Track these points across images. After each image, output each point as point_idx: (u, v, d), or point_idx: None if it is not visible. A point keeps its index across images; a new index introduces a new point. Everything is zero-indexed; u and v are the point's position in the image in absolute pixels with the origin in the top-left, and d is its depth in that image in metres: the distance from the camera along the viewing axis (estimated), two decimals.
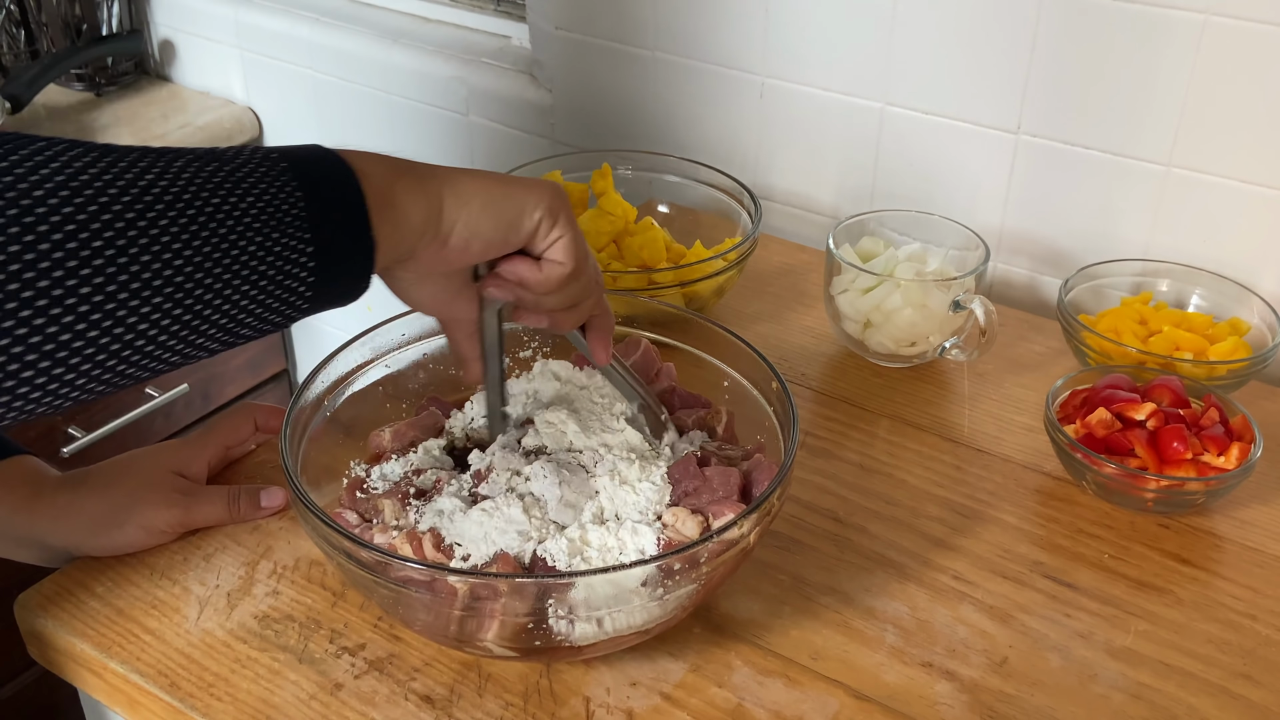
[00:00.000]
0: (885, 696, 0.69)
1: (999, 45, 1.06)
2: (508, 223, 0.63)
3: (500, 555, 0.66)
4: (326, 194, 0.56)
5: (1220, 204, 1.01)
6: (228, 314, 0.54)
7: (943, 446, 0.91)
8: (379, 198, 0.58)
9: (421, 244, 0.61)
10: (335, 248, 0.57)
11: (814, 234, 1.24)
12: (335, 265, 0.57)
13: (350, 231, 0.57)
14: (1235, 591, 0.78)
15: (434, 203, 0.61)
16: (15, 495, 0.76)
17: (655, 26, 1.26)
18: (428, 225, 0.61)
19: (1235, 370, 0.91)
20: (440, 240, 0.62)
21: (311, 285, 0.56)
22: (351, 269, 0.58)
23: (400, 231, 0.59)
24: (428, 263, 0.63)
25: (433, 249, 0.62)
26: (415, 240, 0.60)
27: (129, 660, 0.71)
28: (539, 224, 0.64)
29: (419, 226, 0.60)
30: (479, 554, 0.67)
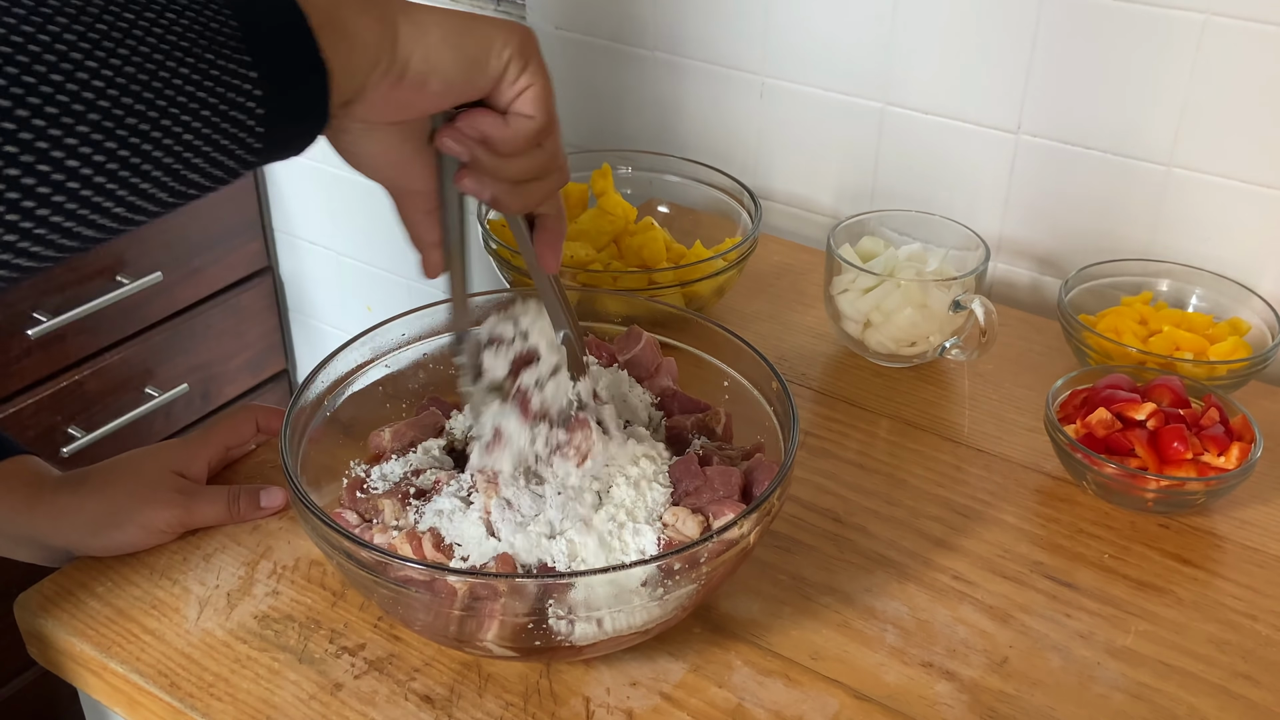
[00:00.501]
0: (885, 696, 0.69)
1: (999, 45, 1.06)
2: (472, 59, 0.56)
3: (500, 555, 0.66)
4: (260, 12, 0.49)
5: (1220, 204, 1.01)
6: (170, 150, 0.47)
7: (943, 446, 0.91)
8: (324, 17, 0.51)
9: (374, 76, 0.53)
10: (282, 71, 0.49)
11: (814, 234, 1.24)
12: (285, 90, 0.50)
13: (296, 52, 0.50)
14: (1235, 591, 0.78)
15: (388, 29, 0.54)
16: (15, 495, 0.76)
17: (655, 26, 1.26)
18: (381, 53, 0.53)
19: (1235, 370, 0.91)
20: (395, 74, 0.54)
21: (260, 117, 0.49)
22: (304, 98, 0.51)
23: (352, 58, 0.52)
24: (380, 103, 0.55)
25: (386, 84, 0.54)
26: (368, 70, 0.53)
27: (129, 660, 0.71)
28: (507, 65, 0.57)
29: (371, 54, 0.53)
30: (478, 554, 0.67)
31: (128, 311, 1.56)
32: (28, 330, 1.43)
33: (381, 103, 0.55)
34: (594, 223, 1.05)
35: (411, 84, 0.55)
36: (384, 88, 0.54)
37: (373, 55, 0.53)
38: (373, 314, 1.65)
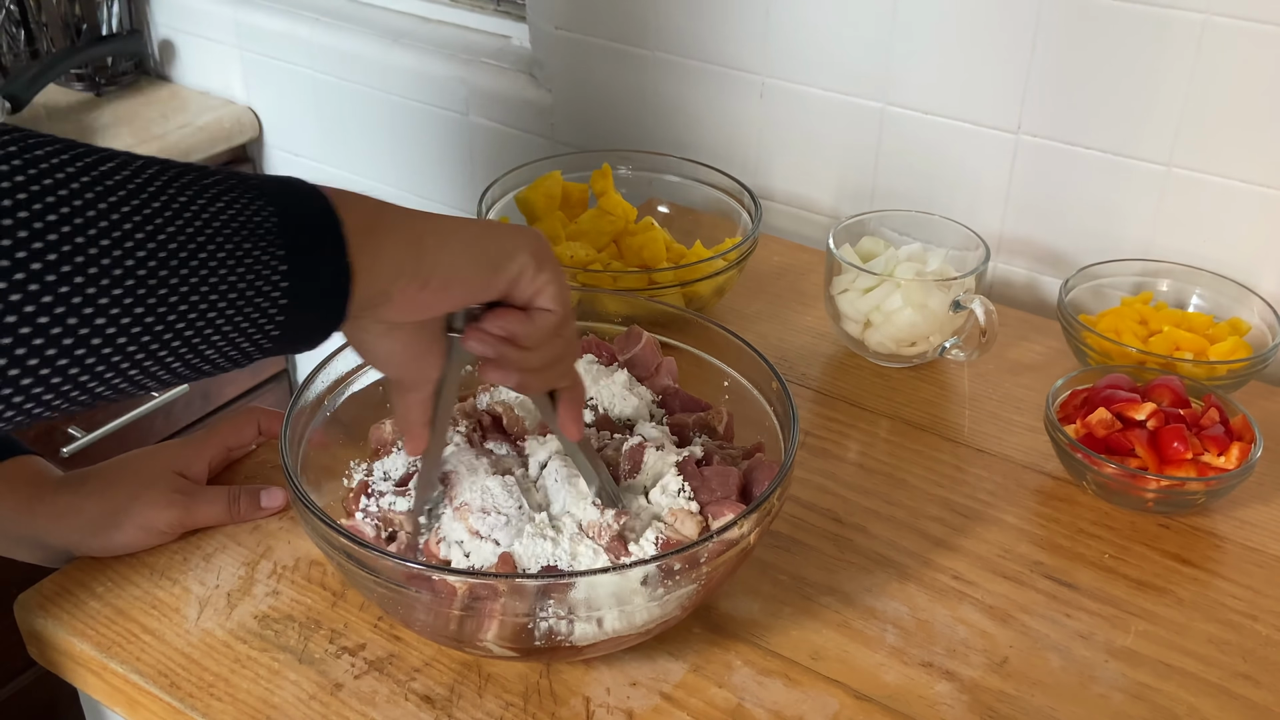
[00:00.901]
0: (885, 696, 0.69)
1: (999, 45, 1.06)
2: (491, 263, 0.59)
3: (501, 555, 0.66)
4: (300, 212, 0.53)
5: (1220, 204, 1.01)
6: (193, 324, 0.49)
7: (943, 446, 0.91)
8: (357, 226, 0.54)
9: (399, 282, 0.56)
10: (310, 265, 0.52)
11: (814, 234, 1.24)
12: (310, 283, 0.53)
13: (326, 254, 0.53)
14: (1235, 591, 0.78)
15: (414, 239, 0.57)
16: (16, 495, 0.76)
17: (655, 26, 1.26)
18: (407, 261, 0.56)
19: (1235, 370, 0.91)
20: (420, 280, 0.57)
21: (283, 307, 0.52)
22: (327, 295, 0.54)
23: (378, 264, 0.55)
24: (403, 307, 0.58)
25: (411, 290, 0.57)
26: (394, 277, 0.56)
27: (129, 660, 0.71)
28: (524, 268, 0.60)
29: (398, 262, 0.56)
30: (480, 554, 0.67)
31: None
32: None
33: (404, 305, 0.58)
34: (594, 223, 1.05)
35: (435, 289, 0.58)
36: (409, 293, 0.57)
37: (398, 263, 0.56)
38: None
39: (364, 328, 0.59)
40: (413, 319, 0.60)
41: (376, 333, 0.60)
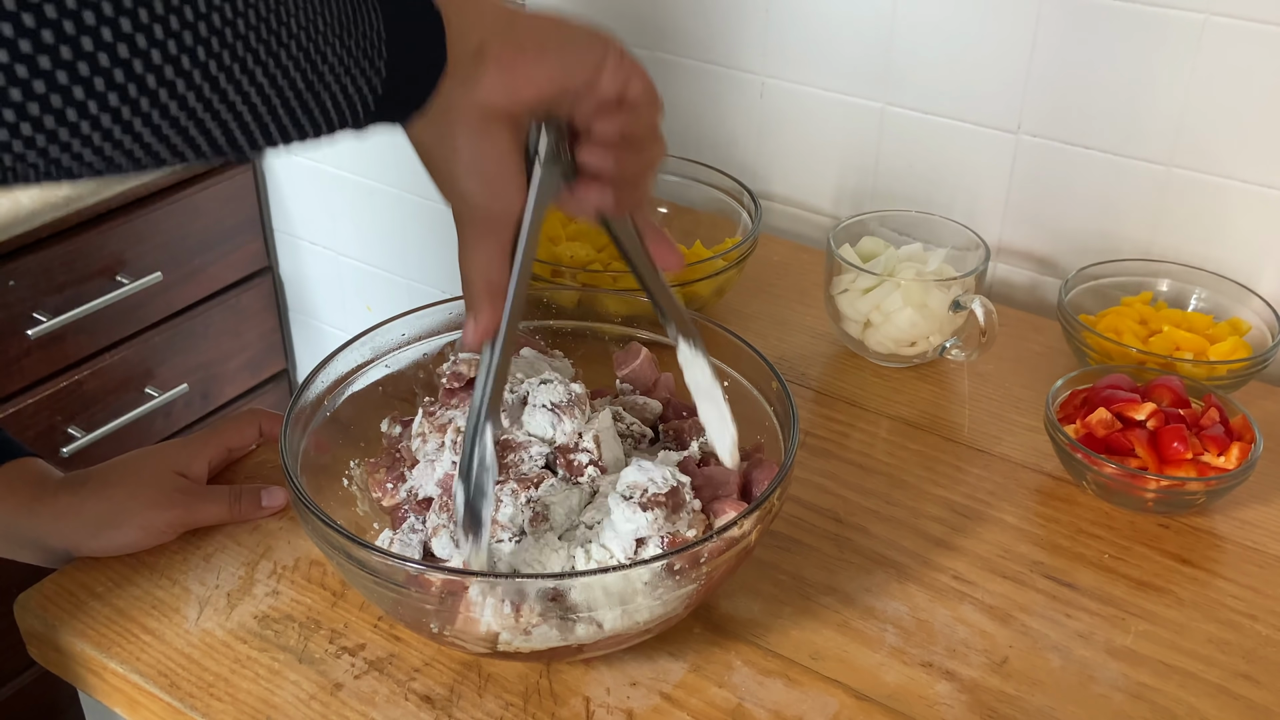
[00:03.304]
0: (885, 696, 0.69)
1: (999, 45, 1.06)
2: (582, 40, 0.56)
3: None
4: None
5: (1220, 204, 1.01)
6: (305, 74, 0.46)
7: (943, 446, 0.91)
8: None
9: (493, 42, 0.53)
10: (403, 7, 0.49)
11: (814, 234, 1.24)
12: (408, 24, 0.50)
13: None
14: (1235, 591, 0.78)
15: (501, 7, 0.54)
16: (16, 496, 0.76)
17: (655, 26, 1.26)
18: (498, 21, 0.53)
19: (1235, 370, 0.91)
20: (515, 43, 0.53)
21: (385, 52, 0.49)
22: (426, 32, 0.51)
23: (466, 13, 0.52)
24: (499, 74, 0.53)
25: (506, 53, 0.53)
26: (487, 32, 0.53)
27: (129, 660, 0.71)
28: (610, 48, 0.56)
29: (489, 19, 0.53)
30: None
31: (128, 311, 1.56)
32: (28, 330, 1.43)
33: (502, 73, 0.53)
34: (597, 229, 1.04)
35: (531, 58, 0.54)
36: (505, 56, 0.53)
37: (490, 22, 0.53)
38: (373, 314, 1.65)
39: (459, 122, 0.54)
40: (510, 94, 0.54)
41: (471, 131, 0.54)
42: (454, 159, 0.55)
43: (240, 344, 1.76)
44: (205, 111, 0.45)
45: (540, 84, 0.55)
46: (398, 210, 1.60)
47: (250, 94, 0.46)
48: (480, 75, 0.53)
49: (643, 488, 0.66)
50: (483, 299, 0.59)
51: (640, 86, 0.58)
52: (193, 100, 0.44)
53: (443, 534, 0.68)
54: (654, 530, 0.65)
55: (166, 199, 1.57)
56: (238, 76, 0.45)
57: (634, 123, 0.58)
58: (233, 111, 0.46)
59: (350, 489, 0.77)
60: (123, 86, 0.42)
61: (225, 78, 0.45)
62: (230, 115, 0.46)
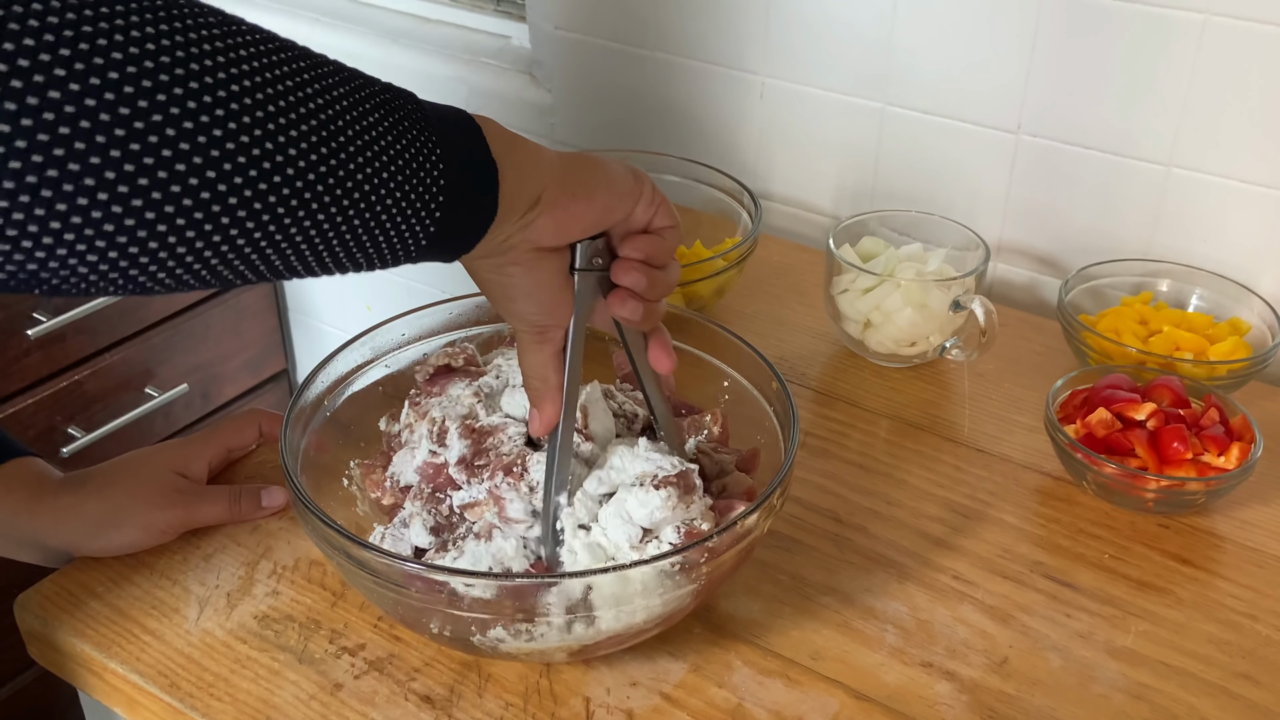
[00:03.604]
0: (885, 696, 0.69)
1: (999, 45, 1.06)
2: (622, 178, 0.62)
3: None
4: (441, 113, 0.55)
5: (1220, 204, 1.01)
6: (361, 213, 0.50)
7: (943, 446, 0.91)
8: (497, 136, 0.56)
9: (548, 189, 0.58)
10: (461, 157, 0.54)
11: (814, 234, 1.24)
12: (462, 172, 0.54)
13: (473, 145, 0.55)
14: (1235, 591, 0.78)
15: (548, 156, 0.59)
16: (16, 496, 0.76)
17: (655, 26, 1.26)
18: (550, 172, 0.59)
19: (1235, 370, 0.91)
20: (567, 190, 0.59)
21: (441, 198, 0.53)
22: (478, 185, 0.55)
23: (524, 164, 0.57)
24: (553, 217, 0.59)
25: (561, 199, 0.59)
26: (542, 182, 0.58)
27: (129, 660, 0.71)
28: (643, 183, 0.63)
29: (541, 170, 0.58)
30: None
31: (127, 311, 1.56)
32: (28, 330, 1.43)
33: (556, 216, 0.59)
34: None
35: (582, 199, 0.60)
36: (560, 201, 0.59)
37: (542, 173, 0.58)
38: (373, 314, 1.65)
39: (513, 258, 0.60)
40: (561, 235, 0.60)
41: (525, 263, 0.61)
42: (510, 287, 0.62)
43: (240, 344, 1.76)
44: (268, 244, 0.47)
45: (587, 224, 0.62)
46: None
47: (312, 235, 0.49)
48: (536, 220, 0.59)
49: (652, 474, 0.67)
50: (543, 396, 0.67)
51: (665, 217, 0.65)
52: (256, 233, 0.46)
53: (416, 522, 0.70)
54: (668, 510, 0.66)
55: None
56: (301, 219, 0.48)
57: (657, 246, 0.65)
58: (293, 247, 0.48)
59: (350, 489, 0.77)
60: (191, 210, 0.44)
61: (290, 219, 0.47)
62: (290, 250, 0.48)
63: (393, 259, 0.54)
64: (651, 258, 0.65)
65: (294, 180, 0.46)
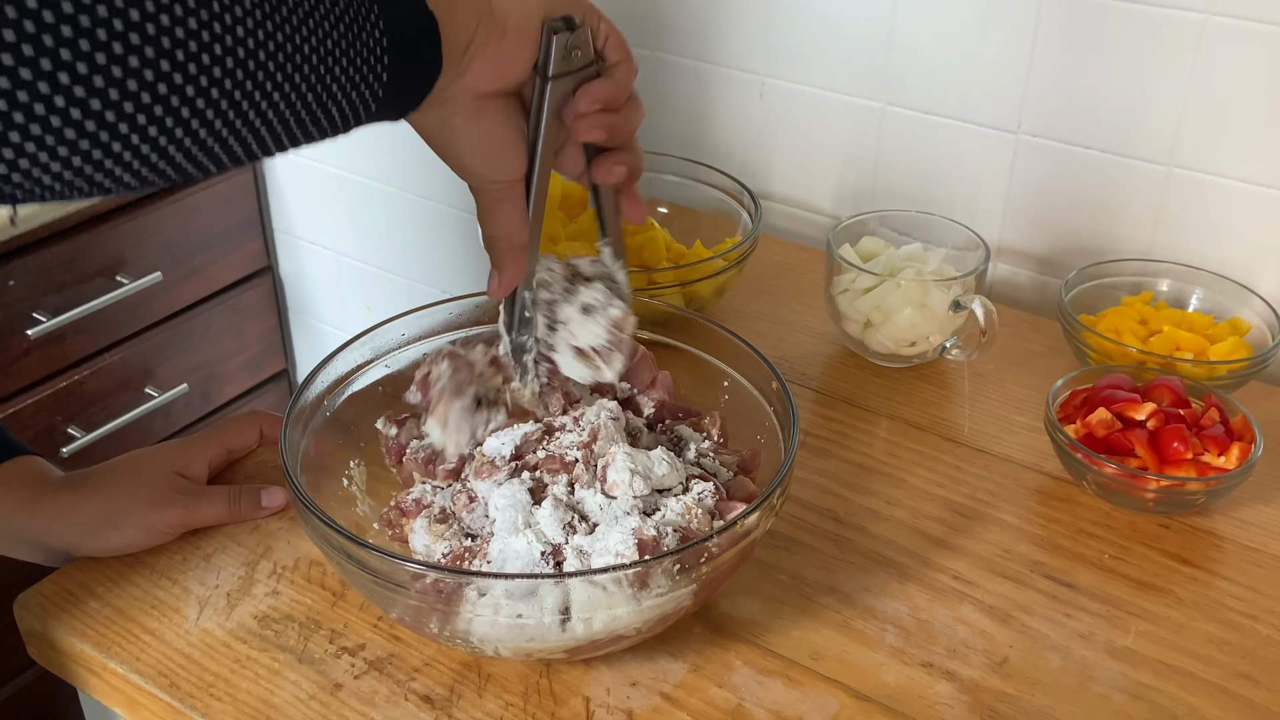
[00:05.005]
0: (885, 696, 0.69)
1: (999, 45, 1.06)
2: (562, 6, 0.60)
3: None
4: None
5: (1220, 204, 1.01)
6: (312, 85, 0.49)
7: (943, 446, 0.91)
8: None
9: (479, 32, 0.56)
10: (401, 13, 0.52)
11: (814, 234, 1.24)
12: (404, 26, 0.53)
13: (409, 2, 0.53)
14: (1235, 591, 0.78)
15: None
16: (16, 495, 0.76)
17: (655, 26, 1.26)
18: (480, 10, 0.57)
19: (1235, 370, 0.91)
20: (498, 28, 0.57)
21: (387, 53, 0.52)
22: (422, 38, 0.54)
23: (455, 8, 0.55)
24: (488, 61, 0.57)
25: (492, 40, 0.57)
26: (473, 25, 0.56)
27: (129, 660, 0.71)
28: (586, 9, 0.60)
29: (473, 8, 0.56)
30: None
31: (128, 311, 1.56)
32: (28, 330, 1.43)
33: (491, 59, 0.57)
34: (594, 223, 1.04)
35: (514, 36, 0.58)
36: (492, 43, 0.57)
37: (473, 13, 0.56)
38: (373, 314, 1.65)
39: (455, 108, 0.58)
40: (499, 78, 0.58)
41: (467, 112, 0.59)
42: (455, 140, 0.60)
43: (240, 344, 1.76)
44: (226, 130, 0.47)
45: (526, 61, 0.59)
46: (398, 210, 1.60)
47: (267, 113, 0.48)
48: (469, 65, 0.56)
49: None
50: (506, 257, 0.63)
51: (616, 50, 0.62)
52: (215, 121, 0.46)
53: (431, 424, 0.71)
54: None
55: (166, 199, 1.57)
56: (257, 99, 0.47)
57: (612, 88, 0.63)
58: (250, 129, 0.48)
59: (350, 489, 0.77)
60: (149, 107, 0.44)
61: (246, 101, 0.47)
62: (248, 132, 0.48)
63: (344, 125, 0.53)
64: (610, 101, 0.62)
65: (246, 62, 0.46)
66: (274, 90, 0.48)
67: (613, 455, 0.70)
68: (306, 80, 0.49)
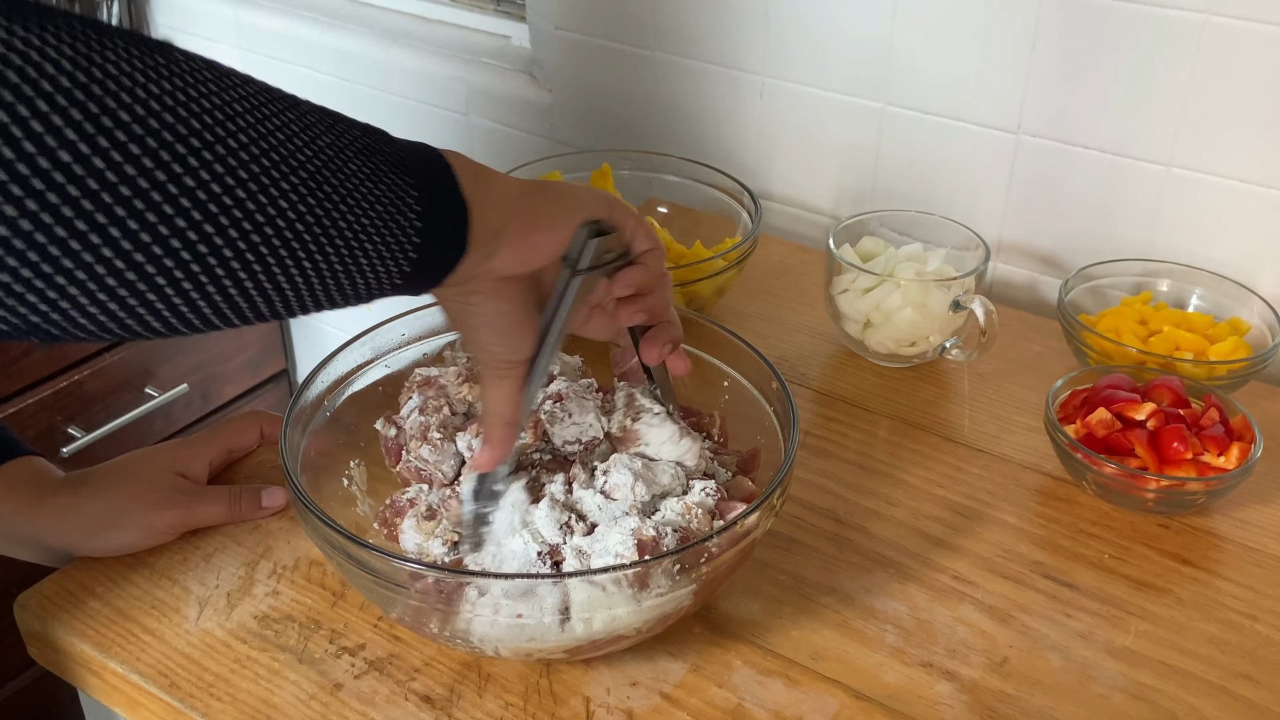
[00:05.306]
0: (885, 696, 0.69)
1: (999, 45, 1.06)
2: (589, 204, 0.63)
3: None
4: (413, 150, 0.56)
5: (1220, 204, 1.01)
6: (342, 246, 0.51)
7: (943, 446, 0.91)
8: (464, 169, 0.57)
9: (510, 223, 0.59)
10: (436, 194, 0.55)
11: (814, 234, 1.24)
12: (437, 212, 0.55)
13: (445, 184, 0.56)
14: (1235, 591, 0.78)
15: (515, 186, 0.60)
16: (17, 495, 0.76)
17: (655, 26, 1.26)
18: (513, 204, 0.59)
19: (1235, 370, 0.91)
20: (528, 221, 0.59)
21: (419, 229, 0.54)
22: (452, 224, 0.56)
23: (490, 201, 0.58)
24: (515, 248, 0.59)
25: (521, 230, 0.59)
26: (505, 217, 0.58)
27: (129, 660, 0.71)
28: (614, 208, 0.63)
29: (505, 203, 0.59)
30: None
31: None
32: None
33: (518, 247, 0.59)
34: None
35: (543, 229, 0.60)
36: (521, 233, 0.59)
37: (506, 206, 0.59)
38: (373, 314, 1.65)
39: (476, 286, 0.60)
40: (522, 264, 0.60)
41: (487, 291, 0.61)
42: (473, 318, 0.62)
43: (240, 344, 1.76)
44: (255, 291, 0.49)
45: (551, 251, 0.62)
46: None
47: (296, 279, 0.50)
48: (497, 251, 0.59)
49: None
50: (497, 433, 0.65)
51: (645, 240, 0.65)
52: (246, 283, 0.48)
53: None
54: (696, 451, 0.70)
55: None
56: (288, 266, 0.49)
57: (644, 274, 0.65)
58: (278, 293, 0.50)
59: (350, 489, 0.77)
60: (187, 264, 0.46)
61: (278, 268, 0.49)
62: (275, 295, 0.50)
63: (366, 296, 0.55)
64: (642, 287, 0.66)
65: (284, 231, 0.48)
66: (305, 260, 0.50)
67: (614, 461, 0.70)
68: (339, 254, 0.51)
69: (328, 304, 0.54)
